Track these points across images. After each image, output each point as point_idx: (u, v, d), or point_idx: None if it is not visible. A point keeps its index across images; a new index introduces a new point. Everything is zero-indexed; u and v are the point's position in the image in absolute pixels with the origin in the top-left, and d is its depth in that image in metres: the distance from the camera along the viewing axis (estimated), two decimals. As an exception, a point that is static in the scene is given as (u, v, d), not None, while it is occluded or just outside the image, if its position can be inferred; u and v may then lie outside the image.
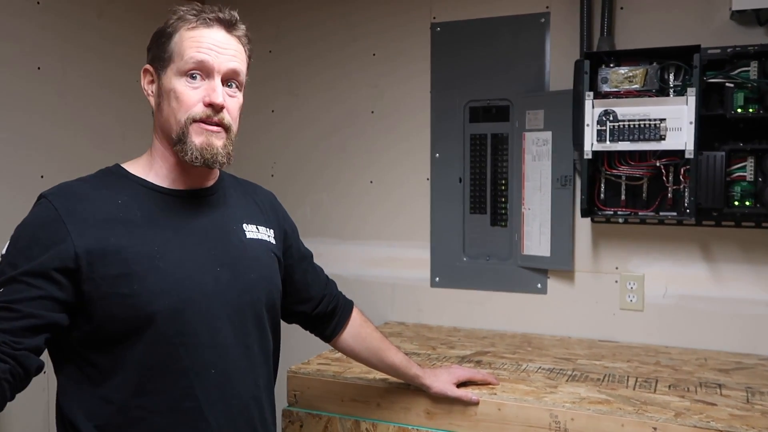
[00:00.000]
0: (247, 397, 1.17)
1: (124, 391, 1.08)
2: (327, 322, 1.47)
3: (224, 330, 1.13)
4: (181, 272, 1.10)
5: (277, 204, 1.39)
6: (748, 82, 1.80)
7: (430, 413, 1.62)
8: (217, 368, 1.12)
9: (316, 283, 1.45)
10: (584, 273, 2.16)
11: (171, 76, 1.12)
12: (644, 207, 1.97)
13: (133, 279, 1.06)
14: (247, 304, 1.18)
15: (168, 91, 1.12)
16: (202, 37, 1.12)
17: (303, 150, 2.52)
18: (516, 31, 2.20)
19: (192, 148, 1.11)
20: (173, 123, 1.12)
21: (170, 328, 1.08)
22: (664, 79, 1.88)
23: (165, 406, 1.09)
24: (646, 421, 1.45)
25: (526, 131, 2.18)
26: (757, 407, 1.52)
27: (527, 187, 2.19)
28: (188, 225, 1.15)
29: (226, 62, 1.13)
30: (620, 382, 1.69)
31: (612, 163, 1.96)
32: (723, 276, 2.01)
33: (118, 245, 1.06)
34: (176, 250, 1.11)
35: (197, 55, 1.11)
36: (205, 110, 1.11)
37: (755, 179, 1.83)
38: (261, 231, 1.26)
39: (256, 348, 1.20)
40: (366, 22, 2.41)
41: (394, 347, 1.53)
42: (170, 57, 1.12)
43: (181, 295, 1.09)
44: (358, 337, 1.49)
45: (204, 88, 1.12)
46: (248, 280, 1.18)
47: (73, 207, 1.07)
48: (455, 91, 2.29)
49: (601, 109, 1.89)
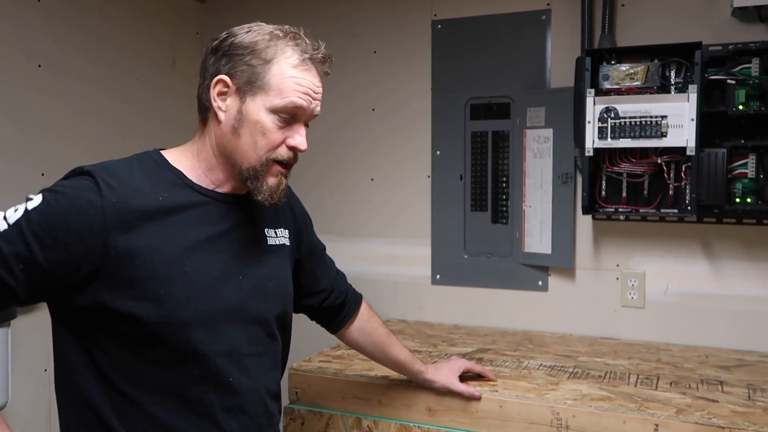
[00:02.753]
0: (258, 405, 1.17)
1: (144, 389, 1.07)
2: (334, 315, 1.46)
3: (240, 339, 1.14)
4: (206, 280, 1.09)
5: (292, 198, 1.36)
6: (749, 79, 1.80)
7: (431, 410, 1.62)
8: (234, 376, 1.12)
9: (326, 277, 1.44)
10: (585, 270, 2.16)
11: (260, 106, 1.09)
12: (645, 204, 1.97)
13: (159, 282, 1.04)
14: (263, 314, 1.18)
15: (253, 122, 1.09)
16: (304, 80, 1.10)
17: (304, 148, 2.51)
18: (517, 29, 2.20)
19: (266, 189, 1.12)
20: (251, 156, 1.10)
21: (192, 335, 1.07)
22: (666, 76, 1.88)
23: (181, 408, 1.09)
24: (647, 418, 1.45)
25: (527, 128, 2.18)
26: (758, 404, 1.52)
27: (528, 185, 2.19)
28: (220, 230, 1.13)
29: (315, 108, 1.13)
30: (621, 379, 1.69)
31: (613, 160, 1.96)
32: (724, 273, 2.01)
33: (149, 246, 1.04)
34: (204, 255, 1.10)
35: (298, 101, 1.09)
36: (288, 153, 1.12)
37: (756, 176, 1.83)
38: (279, 234, 1.25)
39: (267, 357, 1.20)
40: (367, 20, 2.41)
41: (399, 343, 1.53)
42: (265, 87, 1.08)
43: (205, 304, 1.09)
44: (364, 332, 1.49)
45: (288, 130, 1.11)
46: (266, 290, 1.18)
47: (117, 199, 1.03)
48: (456, 89, 2.29)
49: (602, 107, 1.89)
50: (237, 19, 2.96)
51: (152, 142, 2.49)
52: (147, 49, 2.34)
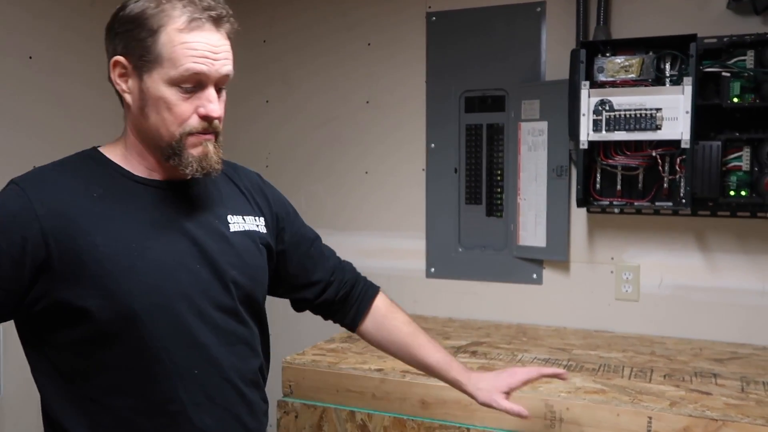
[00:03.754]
0: (233, 396, 1.11)
1: (110, 392, 1.04)
2: (340, 310, 1.36)
3: (204, 329, 1.08)
4: (159, 271, 1.04)
5: (265, 186, 1.29)
6: (744, 72, 1.79)
7: (425, 403, 1.62)
8: (200, 368, 1.07)
9: (320, 267, 1.33)
10: (580, 263, 2.16)
11: (159, 81, 1.02)
12: (640, 197, 1.96)
13: (108, 277, 1.00)
14: (228, 302, 1.11)
15: (156, 99, 1.03)
16: (196, 44, 1.02)
17: (297, 140, 2.51)
18: (512, 21, 2.19)
19: (191, 162, 1.05)
20: (164, 134, 1.04)
21: (149, 330, 1.03)
22: (661, 68, 1.87)
23: (150, 409, 1.05)
24: (641, 410, 1.45)
25: (521, 121, 2.17)
26: (751, 396, 1.52)
27: (523, 178, 2.18)
28: (168, 220, 1.08)
29: (220, 68, 1.05)
30: (615, 371, 1.69)
31: (608, 153, 1.95)
32: (718, 266, 2.01)
33: (92, 243, 1.00)
34: (155, 247, 1.05)
35: (194, 67, 1.02)
36: (201, 123, 1.04)
37: (751, 169, 1.83)
38: (248, 221, 1.18)
39: (240, 345, 1.14)
40: (361, 11, 2.39)
41: (430, 344, 1.36)
42: (157, 60, 1.02)
43: (159, 296, 1.04)
44: (382, 329, 1.36)
45: (197, 98, 1.04)
46: (230, 277, 1.11)
47: (48, 199, 1.01)
48: (450, 81, 2.28)
49: (597, 99, 1.89)
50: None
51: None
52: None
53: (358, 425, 1.67)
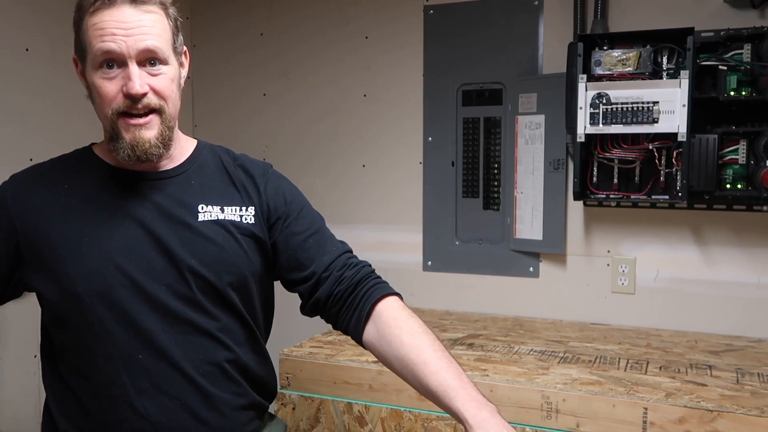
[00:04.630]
0: (180, 384, 1.09)
1: (70, 373, 1.11)
2: (342, 315, 1.20)
3: (152, 316, 1.08)
4: (107, 257, 1.07)
5: (266, 178, 1.24)
6: (741, 65, 1.80)
7: (422, 395, 1.63)
8: (144, 354, 1.07)
9: (314, 261, 1.21)
10: (576, 256, 2.16)
11: (90, 70, 1.06)
12: (636, 190, 1.97)
13: (58, 262, 1.07)
14: (186, 290, 1.10)
15: (92, 87, 1.07)
16: (104, 23, 1.02)
17: (295, 134, 2.51)
18: (509, 14, 2.19)
19: (124, 146, 1.07)
20: (103, 119, 1.09)
21: (93, 313, 1.06)
22: (658, 61, 1.88)
23: (95, 391, 1.09)
24: (637, 401, 1.46)
25: (519, 115, 2.17)
26: (746, 388, 1.53)
27: (520, 171, 2.19)
28: (127, 208, 1.10)
29: (136, 44, 1.03)
30: (611, 363, 1.70)
31: (605, 147, 1.96)
32: (714, 259, 2.02)
33: (48, 229, 1.08)
34: (106, 235, 1.08)
35: (103, 45, 1.02)
36: (125, 102, 1.05)
37: (747, 162, 1.83)
38: (227, 211, 1.16)
39: (198, 335, 1.11)
40: (359, 5, 2.39)
41: (438, 364, 1.08)
42: (83, 50, 1.06)
43: (103, 280, 1.06)
44: (383, 340, 1.14)
45: (120, 77, 1.04)
46: (188, 265, 1.10)
47: (21, 192, 1.12)
48: (448, 75, 2.28)
49: (594, 92, 1.89)
50: (227, 6, 2.91)
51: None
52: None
53: (355, 417, 1.67)
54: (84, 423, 1.10)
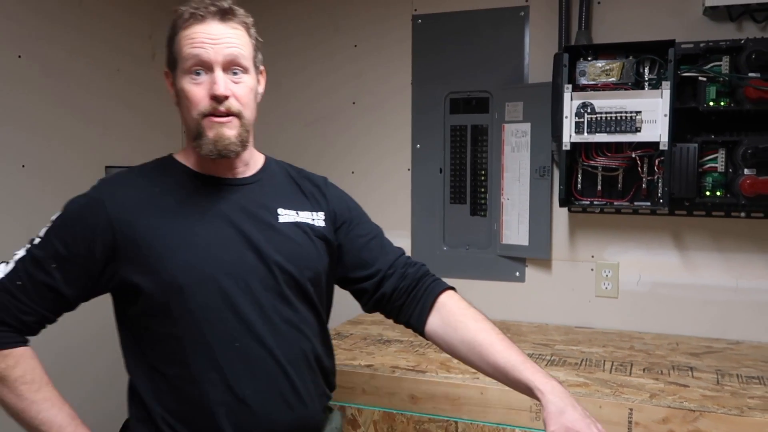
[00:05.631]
0: (274, 371, 1.18)
1: (165, 361, 1.17)
2: (406, 307, 1.33)
3: (247, 307, 1.17)
4: (204, 251, 1.17)
5: (328, 187, 1.40)
6: (720, 77, 1.86)
7: (414, 398, 1.66)
8: (241, 342, 1.16)
9: (379, 260, 1.35)
10: (561, 261, 2.21)
11: (180, 77, 1.18)
12: (620, 197, 2.02)
13: (158, 258, 1.15)
14: (273, 282, 1.20)
15: (181, 92, 1.19)
16: (195, 34, 1.16)
17: (285, 140, 2.52)
18: (496, 24, 2.24)
19: (206, 142, 1.17)
20: (190, 121, 1.19)
21: (194, 302, 1.15)
22: (640, 72, 1.93)
23: (193, 377, 1.15)
24: (622, 402, 1.51)
25: (505, 123, 2.22)
26: (726, 388, 1.58)
27: (506, 178, 2.23)
28: (218, 210, 1.21)
29: (221, 51, 1.16)
30: (597, 366, 1.75)
31: (589, 154, 2.00)
32: (694, 264, 2.08)
33: (146, 228, 1.16)
34: (201, 232, 1.18)
35: (192, 51, 1.15)
36: (211, 103, 1.16)
37: (726, 170, 1.89)
38: (301, 215, 1.29)
39: (286, 326, 1.21)
40: (348, 14, 2.42)
41: (503, 342, 1.22)
42: (176, 59, 1.19)
43: (204, 272, 1.16)
44: (448, 327, 1.28)
45: (207, 82, 1.16)
46: (274, 260, 1.21)
47: (117, 194, 1.19)
48: (436, 83, 2.32)
49: (579, 102, 1.94)
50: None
51: (130, 134, 2.48)
52: (126, 41, 2.33)
53: (348, 420, 1.70)
54: (180, 407, 1.17)
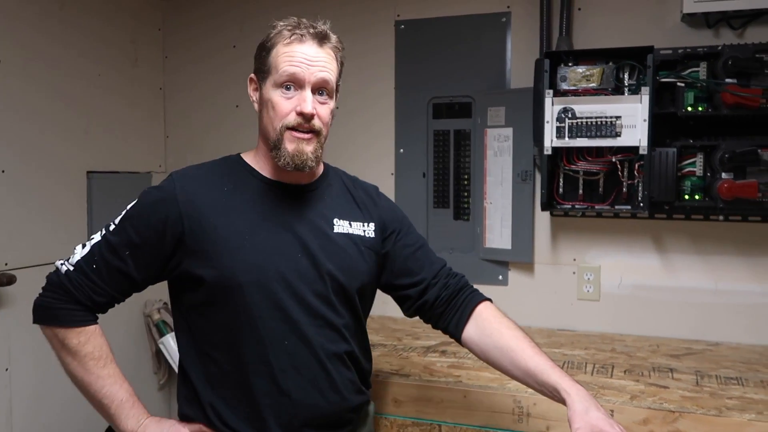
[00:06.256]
0: (316, 368, 1.28)
1: (217, 348, 1.27)
2: (446, 315, 1.43)
3: (298, 309, 1.27)
4: (262, 254, 1.26)
5: (379, 198, 1.47)
6: (697, 82, 1.89)
7: (397, 402, 1.67)
8: (289, 341, 1.26)
9: (424, 269, 1.44)
10: (543, 265, 2.23)
11: (269, 87, 1.27)
12: (601, 201, 2.05)
13: (221, 255, 1.24)
14: (323, 289, 1.29)
15: (267, 101, 1.28)
16: (294, 52, 1.25)
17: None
18: (478, 30, 2.26)
19: (285, 155, 1.26)
20: (270, 130, 1.28)
21: (251, 300, 1.24)
22: (620, 78, 1.96)
23: (245, 366, 1.26)
24: (604, 404, 1.51)
25: (488, 127, 2.24)
26: (706, 389, 1.61)
27: (489, 182, 2.25)
28: (280, 214, 1.30)
29: (315, 73, 1.25)
30: (579, 368, 1.77)
31: (570, 159, 2.03)
32: (674, 266, 2.11)
33: (214, 224, 1.25)
34: (262, 235, 1.27)
35: (290, 69, 1.25)
36: (297, 119, 1.25)
37: (704, 174, 1.92)
38: (354, 226, 1.37)
39: (329, 328, 1.30)
40: (330, 19, 2.40)
41: (534, 349, 1.32)
42: (269, 70, 1.28)
43: (262, 272, 1.25)
44: (484, 334, 1.38)
45: (296, 98, 1.25)
46: (326, 269, 1.29)
47: (189, 188, 1.27)
48: (419, 88, 2.33)
49: (560, 107, 1.96)
50: (200, 17, 2.92)
51: (114, 139, 2.46)
52: (109, 46, 2.32)
53: (332, 424, 1.70)
54: (230, 393, 1.28)
